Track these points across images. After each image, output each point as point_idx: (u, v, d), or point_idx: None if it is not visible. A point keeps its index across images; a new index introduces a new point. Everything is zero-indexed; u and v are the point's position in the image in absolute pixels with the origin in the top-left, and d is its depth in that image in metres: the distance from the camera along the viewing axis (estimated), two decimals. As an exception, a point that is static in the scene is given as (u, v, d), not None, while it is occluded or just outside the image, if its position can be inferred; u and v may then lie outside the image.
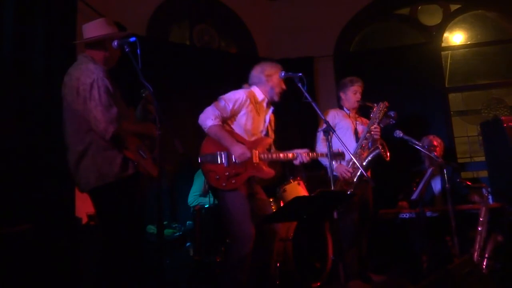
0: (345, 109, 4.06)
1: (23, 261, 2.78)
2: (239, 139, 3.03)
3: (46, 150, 3.20)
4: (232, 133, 3.04)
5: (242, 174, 2.97)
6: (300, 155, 3.12)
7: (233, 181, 2.93)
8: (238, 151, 2.93)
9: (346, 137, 3.77)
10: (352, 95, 3.99)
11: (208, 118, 2.96)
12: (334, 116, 3.94)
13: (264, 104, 3.22)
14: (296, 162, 3.14)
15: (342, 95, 4.07)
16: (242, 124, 3.08)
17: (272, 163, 3.20)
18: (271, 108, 3.27)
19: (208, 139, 3.01)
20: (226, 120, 3.07)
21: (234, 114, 3.08)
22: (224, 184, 2.91)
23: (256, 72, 3.24)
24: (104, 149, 2.41)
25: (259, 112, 3.18)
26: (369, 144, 3.82)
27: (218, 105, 3.02)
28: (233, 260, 2.89)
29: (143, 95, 2.68)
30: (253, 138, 3.12)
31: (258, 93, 3.20)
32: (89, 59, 2.53)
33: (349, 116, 4.01)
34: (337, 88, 4.27)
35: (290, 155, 3.13)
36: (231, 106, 3.03)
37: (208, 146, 3.00)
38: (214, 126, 2.95)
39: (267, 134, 3.24)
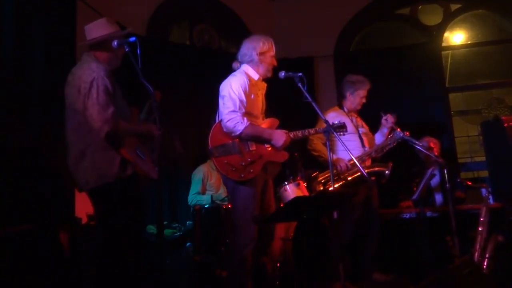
0: (344, 108, 3.89)
1: (23, 261, 2.78)
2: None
3: (46, 150, 3.20)
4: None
5: (257, 161, 2.83)
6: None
7: (251, 170, 2.79)
8: (281, 140, 2.87)
9: (351, 142, 3.63)
10: (359, 99, 3.82)
11: (237, 123, 2.80)
12: (334, 118, 3.57)
13: (260, 83, 3.05)
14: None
15: (348, 95, 3.84)
16: (248, 109, 2.91)
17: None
18: (265, 85, 3.10)
19: (214, 130, 2.88)
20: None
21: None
22: (242, 175, 2.77)
23: (248, 50, 3.03)
24: (103, 149, 2.40)
25: (257, 92, 3.03)
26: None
27: (234, 104, 2.84)
28: (234, 260, 2.84)
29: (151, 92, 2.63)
30: (258, 121, 3.01)
31: (252, 73, 3.01)
32: (93, 58, 2.53)
33: (351, 119, 3.81)
34: (341, 84, 4.01)
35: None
36: (243, 97, 2.87)
37: (217, 137, 2.86)
38: (246, 128, 2.81)
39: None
